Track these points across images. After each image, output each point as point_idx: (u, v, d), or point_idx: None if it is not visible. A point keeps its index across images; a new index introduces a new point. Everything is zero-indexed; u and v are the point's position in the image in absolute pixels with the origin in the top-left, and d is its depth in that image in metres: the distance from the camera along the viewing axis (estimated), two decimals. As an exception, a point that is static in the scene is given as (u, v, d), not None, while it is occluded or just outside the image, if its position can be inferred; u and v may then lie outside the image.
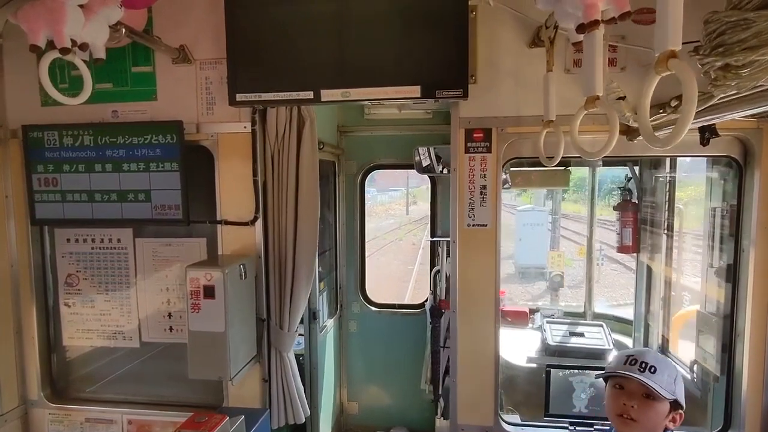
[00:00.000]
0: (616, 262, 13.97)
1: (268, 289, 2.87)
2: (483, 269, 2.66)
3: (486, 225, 2.64)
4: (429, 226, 4.92)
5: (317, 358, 3.88)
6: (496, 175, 2.61)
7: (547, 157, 2.25)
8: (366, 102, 2.57)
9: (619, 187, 4.24)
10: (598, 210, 5.13)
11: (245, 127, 2.76)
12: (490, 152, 2.60)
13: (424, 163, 4.29)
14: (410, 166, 4.41)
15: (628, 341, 4.42)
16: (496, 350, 2.70)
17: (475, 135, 2.60)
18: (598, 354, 4.23)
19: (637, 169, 4.22)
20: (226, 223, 2.81)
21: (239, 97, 2.59)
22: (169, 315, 3.02)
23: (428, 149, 4.23)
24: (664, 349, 3.89)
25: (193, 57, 2.74)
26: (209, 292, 2.41)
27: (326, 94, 2.50)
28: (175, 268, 2.95)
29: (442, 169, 4.28)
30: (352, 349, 4.74)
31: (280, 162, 2.80)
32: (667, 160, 3.72)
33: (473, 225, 2.65)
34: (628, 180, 4.16)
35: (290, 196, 2.80)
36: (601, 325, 4.43)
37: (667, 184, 3.79)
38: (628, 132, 2.48)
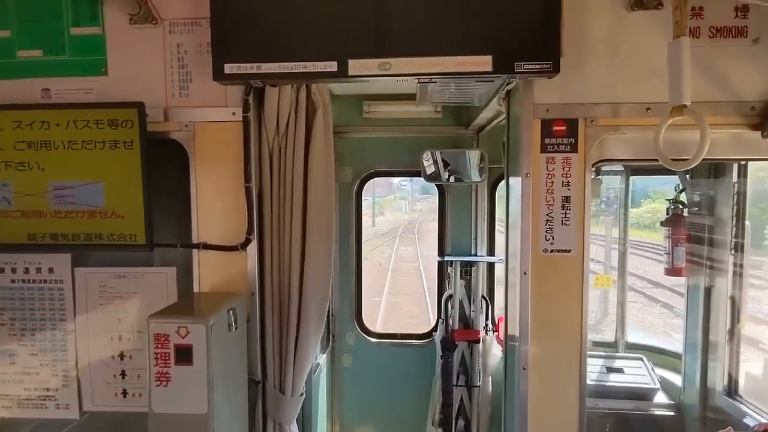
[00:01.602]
0: (633, 290, 12.15)
1: (265, 338, 2.13)
2: (566, 311, 1.97)
3: (570, 251, 1.95)
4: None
5: (311, 408, 3.12)
6: (584, 181, 1.93)
7: (676, 160, 1.60)
8: (414, 78, 1.84)
9: (669, 200, 3.64)
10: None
11: (234, 113, 2.03)
12: (576, 151, 1.92)
13: (429, 170, 3.70)
14: (416, 174, 3.79)
15: (674, 378, 3.81)
16: (581, 420, 2.00)
17: (555, 128, 1.92)
18: (642, 394, 3.63)
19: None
20: (206, 247, 2.08)
21: (228, 68, 1.82)
22: (123, 374, 2.25)
23: (433, 153, 3.63)
24: (731, 391, 3.29)
25: (160, 15, 2.04)
26: (184, 355, 1.61)
27: (356, 66, 1.77)
28: (132, 308, 2.24)
29: (449, 176, 3.68)
30: (346, 387, 4.09)
31: (283, 162, 2.08)
32: (734, 166, 3.16)
33: (552, 251, 1.95)
34: (681, 191, 3.58)
35: (296, 209, 2.09)
36: (641, 359, 3.84)
37: (735, 196, 3.22)
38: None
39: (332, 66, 1.77)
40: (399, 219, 32.23)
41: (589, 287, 1.99)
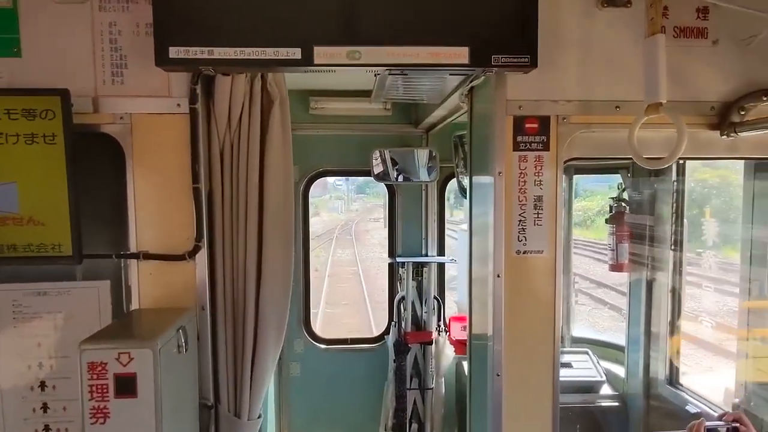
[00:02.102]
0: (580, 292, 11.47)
1: (217, 357, 1.89)
2: (539, 315, 1.92)
3: (542, 252, 1.90)
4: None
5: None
6: (556, 181, 1.89)
7: (650, 158, 1.59)
8: (384, 69, 1.69)
9: (613, 198, 3.77)
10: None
11: (179, 105, 1.81)
12: (548, 149, 1.87)
13: (378, 170, 3.60)
14: (365, 173, 3.70)
15: (618, 369, 3.96)
16: (554, 421, 1.96)
17: (527, 125, 1.86)
18: (589, 387, 3.74)
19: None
20: (147, 256, 1.83)
21: (174, 52, 1.58)
22: (44, 407, 1.89)
23: (382, 153, 3.54)
24: (672, 380, 3.46)
25: (88, -12, 1.70)
26: (126, 386, 1.37)
27: (322, 54, 1.60)
28: (55, 330, 1.91)
29: (398, 176, 3.61)
30: (294, 397, 3.90)
31: (236, 160, 1.89)
32: (674, 166, 3.31)
33: (525, 252, 1.89)
34: (623, 190, 3.71)
35: (251, 212, 1.90)
36: (587, 352, 3.95)
37: (674, 194, 3.37)
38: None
39: (296, 53, 1.59)
40: (335, 219, 30.99)
41: (561, 289, 1.96)
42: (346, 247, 21.90)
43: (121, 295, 1.87)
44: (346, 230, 26.96)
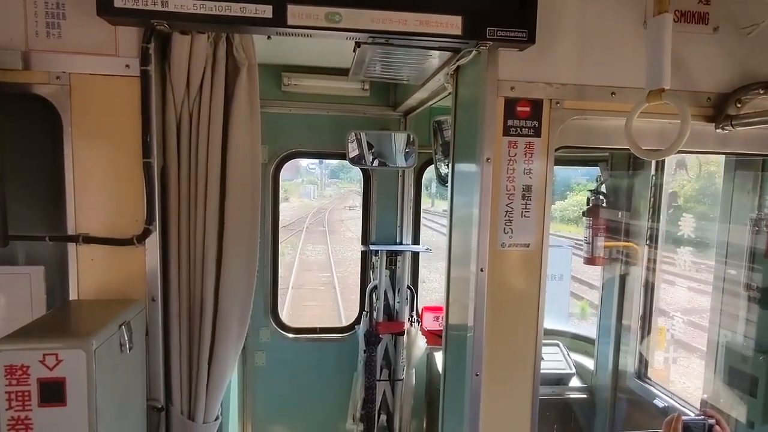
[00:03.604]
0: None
1: (170, 354, 1.69)
2: (523, 314, 1.80)
3: (529, 245, 1.77)
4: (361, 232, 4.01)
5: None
6: (547, 169, 1.76)
7: (648, 150, 1.49)
8: (367, 35, 1.50)
9: (591, 190, 3.71)
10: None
11: (129, 66, 1.57)
12: (539, 136, 1.74)
13: (353, 153, 3.43)
14: (340, 156, 3.54)
15: (587, 362, 3.96)
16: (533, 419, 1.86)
17: (519, 108, 1.71)
18: (559, 379, 3.74)
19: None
20: (88, 240, 1.60)
21: (120, 1, 1.34)
22: None
23: (358, 135, 3.38)
24: (641, 374, 3.46)
25: None
26: (54, 393, 1.16)
27: (297, 14, 1.40)
28: None
29: (373, 160, 3.44)
30: (259, 387, 3.74)
31: (195, 133, 1.68)
32: (652, 161, 3.27)
33: (510, 245, 1.76)
34: (601, 183, 3.66)
35: (212, 192, 1.70)
36: (558, 344, 3.93)
37: (652, 188, 3.33)
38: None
39: (266, 11, 1.38)
40: (306, 206, 28.69)
41: (546, 285, 1.84)
42: (317, 242, 18.57)
43: (56, 282, 1.63)
44: (319, 220, 24.21)
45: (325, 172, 36.16)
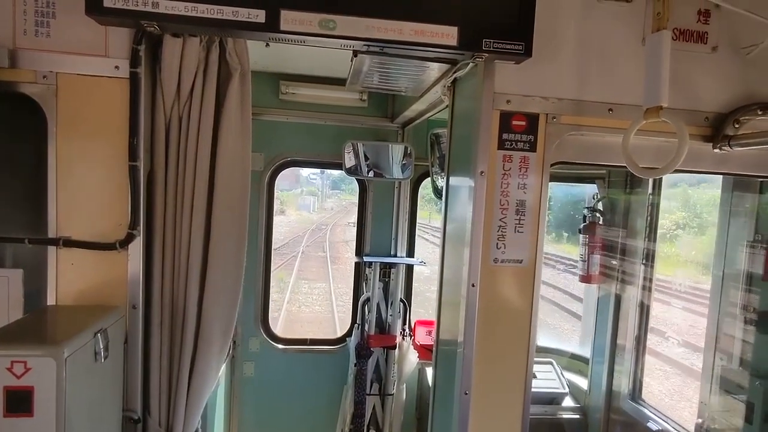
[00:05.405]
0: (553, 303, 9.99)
1: (149, 364, 1.63)
2: (515, 332, 1.76)
3: (522, 261, 1.74)
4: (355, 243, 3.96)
5: (206, 427, 2.65)
6: (541, 185, 1.73)
7: (645, 168, 1.47)
8: (361, 43, 1.48)
9: (587, 208, 3.69)
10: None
11: (118, 67, 1.55)
12: (535, 150, 1.71)
13: (349, 163, 3.40)
14: (336, 165, 3.50)
15: (581, 381, 3.90)
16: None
17: (515, 122, 1.69)
18: (552, 399, 3.68)
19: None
20: (69, 243, 1.56)
21: (109, 1, 1.31)
22: None
23: (355, 145, 3.35)
24: (635, 395, 3.40)
25: None
26: (20, 402, 1.11)
27: (290, 20, 1.37)
28: None
29: (369, 171, 3.42)
30: (247, 399, 3.67)
31: (184, 137, 1.64)
32: (650, 179, 3.25)
33: (503, 261, 1.73)
34: (599, 200, 3.63)
35: (199, 198, 1.65)
36: (551, 363, 3.87)
37: (649, 207, 3.31)
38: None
39: (259, 15, 1.36)
40: (304, 220, 26.66)
41: (538, 303, 1.80)
42: (315, 275, 14.44)
43: (35, 287, 1.59)
44: (318, 241, 20.74)
45: (327, 182, 34.80)
